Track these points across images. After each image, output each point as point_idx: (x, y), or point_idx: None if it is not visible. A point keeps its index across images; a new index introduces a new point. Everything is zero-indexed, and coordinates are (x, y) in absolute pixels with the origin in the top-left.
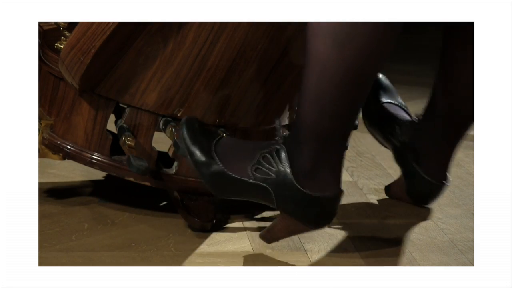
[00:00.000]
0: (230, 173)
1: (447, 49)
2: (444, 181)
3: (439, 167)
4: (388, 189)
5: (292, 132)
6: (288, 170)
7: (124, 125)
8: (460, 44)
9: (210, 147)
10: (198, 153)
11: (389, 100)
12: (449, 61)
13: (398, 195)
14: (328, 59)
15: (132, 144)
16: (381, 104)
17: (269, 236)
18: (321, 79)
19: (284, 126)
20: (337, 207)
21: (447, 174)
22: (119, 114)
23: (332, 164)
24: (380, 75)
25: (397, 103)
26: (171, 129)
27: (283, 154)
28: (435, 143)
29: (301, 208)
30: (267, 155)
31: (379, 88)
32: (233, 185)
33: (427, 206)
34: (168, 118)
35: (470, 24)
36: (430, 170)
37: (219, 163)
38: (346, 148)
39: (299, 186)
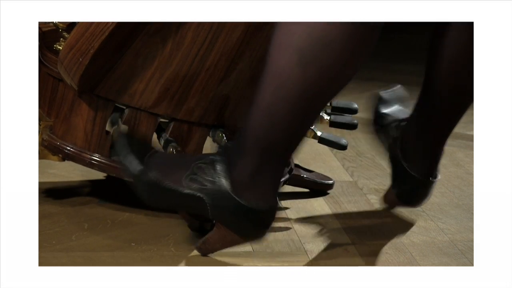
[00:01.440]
0: (165, 183)
1: (434, 44)
2: (431, 178)
3: (426, 163)
4: (384, 198)
5: (237, 140)
6: (223, 180)
7: (170, 138)
8: (447, 38)
9: (145, 159)
10: (134, 163)
11: (387, 111)
12: (436, 54)
13: (391, 201)
14: (289, 75)
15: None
16: (381, 114)
17: (204, 248)
18: (277, 93)
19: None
20: (272, 220)
21: (435, 172)
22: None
23: (271, 178)
24: (399, 86)
25: (403, 109)
26: (173, 150)
27: (219, 165)
28: (422, 139)
29: (236, 218)
30: (202, 165)
31: (393, 99)
32: (168, 196)
33: (418, 208)
34: (169, 138)
35: (461, 24)
36: (416, 166)
37: (154, 172)
38: (345, 147)
39: (234, 196)
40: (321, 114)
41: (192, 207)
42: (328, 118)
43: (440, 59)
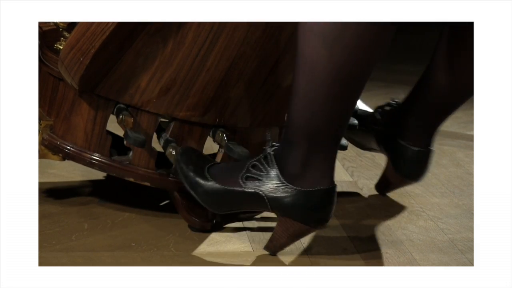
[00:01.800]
0: (222, 186)
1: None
2: (429, 147)
3: (424, 136)
4: (378, 186)
5: (284, 133)
6: (277, 172)
7: (170, 138)
8: (462, 37)
9: (203, 169)
10: (191, 174)
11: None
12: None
13: (387, 186)
14: (317, 59)
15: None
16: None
17: (272, 246)
18: (310, 79)
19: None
20: (333, 201)
21: (431, 141)
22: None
23: (322, 163)
24: None
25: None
26: (172, 150)
27: (271, 159)
28: (421, 120)
29: (295, 206)
30: (256, 163)
31: None
32: (227, 197)
33: (417, 181)
34: (169, 138)
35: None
36: (415, 141)
37: (212, 180)
38: (345, 147)
39: (289, 184)
40: None
41: (253, 204)
42: None
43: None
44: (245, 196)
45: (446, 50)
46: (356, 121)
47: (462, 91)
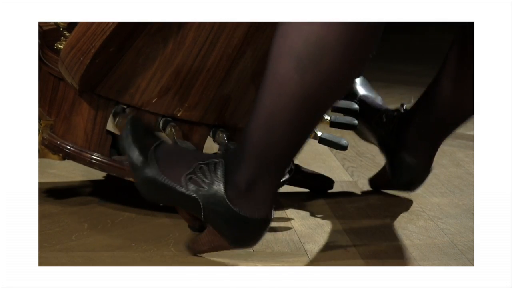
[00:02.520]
0: (163, 179)
1: (458, 50)
2: (429, 167)
3: (426, 153)
4: (372, 181)
5: (236, 147)
6: (221, 185)
7: (168, 118)
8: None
9: (150, 150)
10: (136, 154)
11: (366, 93)
12: (456, 61)
13: (382, 184)
14: (287, 82)
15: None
16: (359, 97)
17: (192, 247)
18: (276, 101)
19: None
20: (264, 231)
21: (432, 161)
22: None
23: (267, 188)
24: None
25: (373, 95)
26: (171, 129)
27: (219, 169)
28: (424, 134)
29: (228, 225)
30: (204, 166)
31: (354, 82)
32: (164, 192)
33: (410, 192)
34: (168, 118)
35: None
36: (416, 157)
37: (155, 166)
38: (345, 147)
39: (229, 203)
40: None
41: (187, 206)
42: (329, 118)
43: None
44: (182, 197)
45: (455, 67)
46: (356, 121)
47: (467, 110)
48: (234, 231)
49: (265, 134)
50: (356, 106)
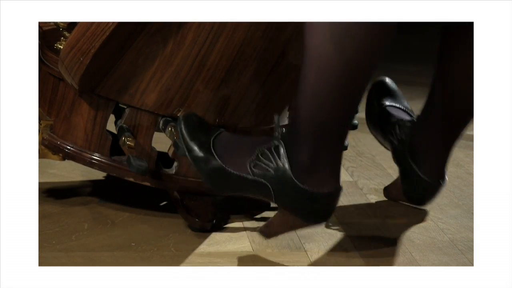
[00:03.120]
0: (229, 169)
1: (445, 48)
2: (440, 181)
3: (436, 166)
4: (386, 190)
5: (290, 128)
6: (287, 166)
7: (124, 125)
8: (458, 43)
9: (209, 143)
10: (196, 149)
11: (392, 104)
12: (447, 60)
13: (395, 195)
14: (325, 54)
15: (132, 144)
16: (383, 107)
17: (267, 232)
18: (319, 74)
19: (283, 126)
20: (336, 203)
21: (444, 174)
22: (119, 114)
23: (330, 161)
24: (387, 78)
25: (401, 107)
26: (171, 129)
27: (281, 150)
28: (431, 142)
29: (300, 204)
30: (266, 151)
31: (384, 91)
32: (232, 181)
33: (423, 207)
34: (168, 118)
35: (469, 24)
36: (426, 169)
37: (218, 158)
38: (345, 147)
39: (297, 182)
40: None
41: (257, 193)
42: None
43: (454, 60)
44: (251, 183)
45: (447, 55)
46: (356, 121)
47: (467, 97)
48: (305, 209)
49: (315, 110)
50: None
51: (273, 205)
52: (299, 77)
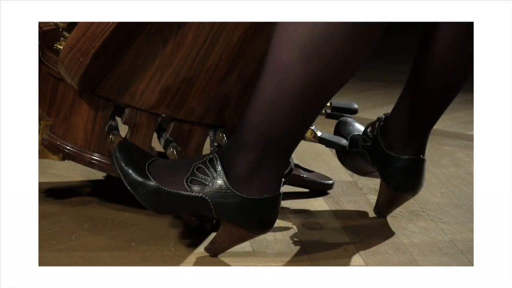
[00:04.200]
0: (166, 188)
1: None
2: (420, 155)
3: (413, 144)
4: (375, 208)
5: (236, 136)
6: (223, 177)
7: (170, 137)
8: (442, 25)
9: (144, 167)
10: (131, 172)
11: (354, 133)
12: (429, 41)
13: (384, 202)
14: (291, 71)
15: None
16: (349, 133)
17: (213, 248)
18: (279, 89)
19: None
20: (278, 209)
21: (423, 148)
22: (120, 115)
23: (274, 170)
24: (342, 118)
25: (357, 130)
26: (173, 150)
27: (217, 163)
28: (408, 126)
29: (241, 213)
30: (201, 165)
31: (344, 128)
32: (171, 201)
33: (412, 194)
34: (170, 138)
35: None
36: (403, 149)
37: (153, 180)
38: (341, 147)
39: (236, 192)
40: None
41: (197, 208)
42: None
43: (433, 41)
44: (189, 200)
45: (429, 36)
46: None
47: (445, 76)
48: (249, 217)
49: (268, 121)
50: (355, 106)
51: None
52: (256, 85)
